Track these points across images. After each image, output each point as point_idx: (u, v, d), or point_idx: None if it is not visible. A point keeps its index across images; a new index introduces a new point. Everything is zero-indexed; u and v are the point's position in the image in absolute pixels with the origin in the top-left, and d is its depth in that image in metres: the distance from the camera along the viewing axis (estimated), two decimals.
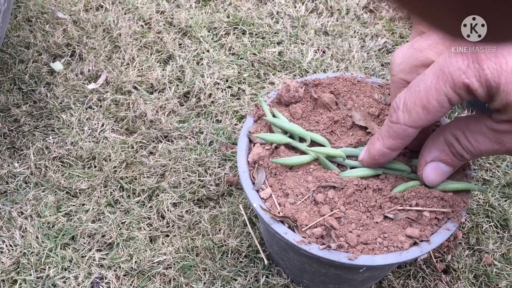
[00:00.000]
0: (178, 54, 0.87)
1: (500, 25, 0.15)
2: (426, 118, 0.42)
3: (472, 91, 0.39)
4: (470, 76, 0.38)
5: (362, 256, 0.47)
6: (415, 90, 0.42)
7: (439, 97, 0.40)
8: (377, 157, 0.48)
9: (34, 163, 0.73)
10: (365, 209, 0.49)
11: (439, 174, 0.47)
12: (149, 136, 0.77)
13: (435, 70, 0.40)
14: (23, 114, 0.79)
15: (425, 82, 0.41)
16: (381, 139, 0.47)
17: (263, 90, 0.82)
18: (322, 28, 0.93)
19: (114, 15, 0.92)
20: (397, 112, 0.44)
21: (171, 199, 0.70)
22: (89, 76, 0.84)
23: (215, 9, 0.95)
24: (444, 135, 0.45)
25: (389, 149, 0.47)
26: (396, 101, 0.44)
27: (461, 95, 0.40)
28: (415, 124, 0.43)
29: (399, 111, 0.44)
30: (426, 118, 0.42)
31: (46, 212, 0.68)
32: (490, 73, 0.37)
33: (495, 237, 0.68)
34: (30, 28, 0.91)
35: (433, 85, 0.40)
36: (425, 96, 0.41)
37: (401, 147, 0.46)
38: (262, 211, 0.49)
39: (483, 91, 0.38)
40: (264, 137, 0.52)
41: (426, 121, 0.43)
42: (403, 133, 0.44)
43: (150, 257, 0.65)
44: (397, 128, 0.44)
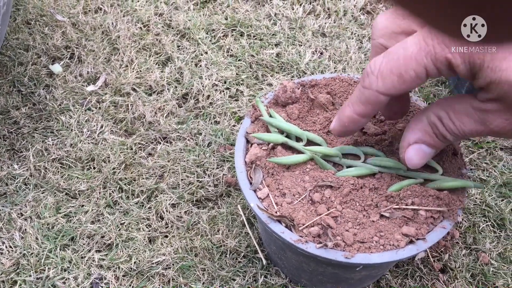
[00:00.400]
0: (177, 56, 0.88)
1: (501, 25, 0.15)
2: (400, 87, 0.41)
3: (453, 67, 0.38)
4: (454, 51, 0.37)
5: (359, 255, 0.47)
6: (393, 57, 0.41)
7: (418, 68, 0.39)
8: (347, 124, 0.47)
9: (34, 165, 0.73)
10: (361, 208, 0.50)
11: (421, 156, 0.46)
12: (147, 138, 0.77)
13: (417, 40, 0.39)
14: (23, 116, 0.79)
15: (406, 51, 0.40)
16: (351, 105, 0.45)
17: (261, 92, 0.83)
18: (320, 30, 0.93)
19: (113, 17, 0.93)
20: (370, 77, 0.42)
21: (170, 200, 0.70)
22: (88, 78, 0.85)
23: (213, 11, 0.96)
24: (427, 116, 0.44)
25: (359, 115, 0.45)
26: (371, 66, 0.42)
27: (440, 70, 0.39)
28: (387, 91, 0.42)
29: (372, 76, 0.42)
30: (400, 87, 0.41)
31: (46, 214, 0.69)
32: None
33: (492, 236, 0.69)
34: (29, 30, 0.91)
35: (414, 55, 0.39)
36: (403, 64, 0.40)
37: (371, 114, 0.45)
38: (259, 210, 0.49)
39: (465, 68, 0.38)
40: (261, 136, 0.53)
41: (399, 90, 0.41)
42: (374, 100, 0.43)
43: (149, 257, 0.65)
44: (369, 94, 0.43)
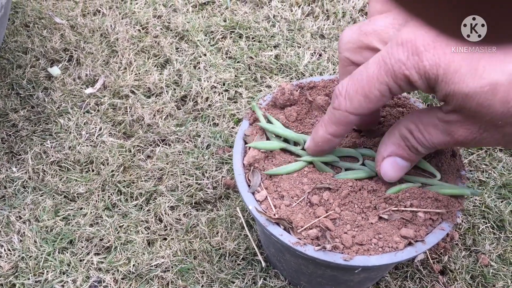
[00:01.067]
0: (175, 58, 0.88)
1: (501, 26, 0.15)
2: (367, 106, 0.43)
3: (412, 83, 0.39)
4: (409, 67, 0.39)
5: (357, 257, 0.47)
6: (358, 78, 0.42)
7: (381, 86, 0.41)
8: (321, 144, 0.49)
9: (32, 168, 0.73)
10: (360, 210, 0.50)
11: (396, 169, 0.47)
12: (146, 140, 0.77)
13: (377, 60, 0.41)
14: (21, 119, 0.79)
15: (368, 71, 0.41)
16: (323, 125, 0.47)
17: (260, 93, 0.83)
18: (319, 31, 0.93)
19: (111, 20, 0.93)
20: (339, 98, 0.44)
21: (168, 202, 0.70)
22: (86, 80, 0.85)
23: (212, 13, 0.96)
24: (399, 130, 0.46)
25: (332, 135, 0.47)
26: (339, 88, 0.44)
27: (401, 86, 0.40)
28: (356, 111, 0.44)
29: (341, 97, 0.44)
30: (367, 106, 0.43)
31: (44, 216, 0.69)
32: (429, 64, 0.38)
33: (491, 238, 0.68)
34: (27, 33, 0.91)
35: (375, 75, 0.41)
36: (367, 85, 0.42)
37: (343, 133, 0.47)
38: (257, 213, 0.49)
39: (423, 83, 0.39)
40: (257, 145, 0.53)
41: (367, 109, 0.43)
42: (344, 120, 0.45)
43: (148, 260, 0.65)
44: (339, 115, 0.45)
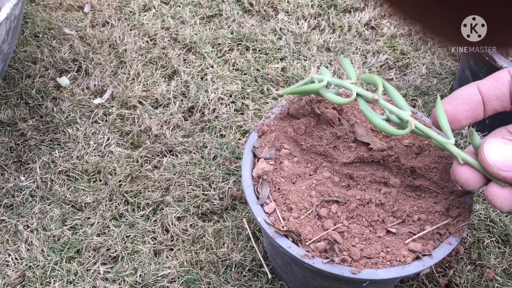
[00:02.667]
0: (183, 69, 0.88)
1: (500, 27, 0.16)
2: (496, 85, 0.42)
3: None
4: None
5: (365, 270, 0.47)
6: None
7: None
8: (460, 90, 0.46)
9: (40, 177, 0.74)
10: (368, 224, 0.50)
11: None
12: (153, 151, 0.78)
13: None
14: (30, 128, 0.80)
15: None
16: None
17: (267, 105, 0.83)
18: (325, 45, 0.94)
19: (120, 31, 0.94)
20: None
21: (175, 213, 0.70)
22: (95, 91, 0.85)
23: (219, 25, 0.97)
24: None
25: (477, 86, 0.45)
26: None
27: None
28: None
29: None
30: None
31: (52, 226, 0.69)
32: None
33: (496, 252, 0.69)
34: (37, 43, 0.92)
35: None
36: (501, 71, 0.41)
37: (493, 89, 0.44)
38: (266, 225, 0.50)
39: None
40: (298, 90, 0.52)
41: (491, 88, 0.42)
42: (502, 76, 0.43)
43: (155, 270, 0.65)
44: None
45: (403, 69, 0.91)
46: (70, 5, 0.99)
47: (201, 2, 1.00)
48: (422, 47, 0.95)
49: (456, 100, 0.44)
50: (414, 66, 0.91)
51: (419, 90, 0.88)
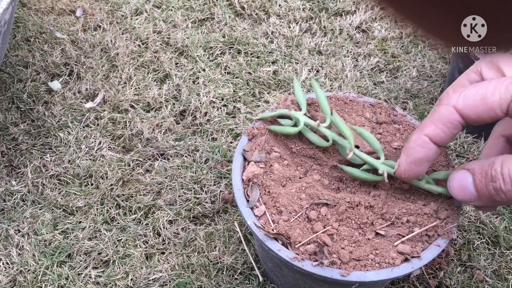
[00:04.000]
0: (175, 73, 0.89)
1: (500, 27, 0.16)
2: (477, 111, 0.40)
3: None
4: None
5: (355, 273, 0.47)
6: (484, 83, 0.40)
7: (505, 94, 0.39)
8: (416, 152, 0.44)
9: (32, 181, 0.74)
10: (357, 226, 0.50)
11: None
12: (145, 154, 0.78)
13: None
14: (21, 132, 0.80)
15: (499, 80, 0.40)
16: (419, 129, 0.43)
17: (258, 109, 0.84)
18: (316, 48, 0.94)
19: (112, 35, 0.94)
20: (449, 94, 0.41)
21: (167, 216, 0.71)
22: (86, 95, 0.85)
23: (211, 29, 0.97)
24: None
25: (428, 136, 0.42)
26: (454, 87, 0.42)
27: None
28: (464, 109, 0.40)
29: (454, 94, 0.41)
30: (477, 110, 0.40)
31: (43, 230, 0.69)
32: None
33: (486, 253, 0.69)
34: (28, 47, 0.92)
35: (506, 83, 0.39)
36: (492, 89, 0.39)
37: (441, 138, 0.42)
38: (256, 228, 0.50)
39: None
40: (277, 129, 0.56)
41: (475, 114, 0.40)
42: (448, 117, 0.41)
43: (146, 274, 0.65)
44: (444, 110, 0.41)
45: (394, 72, 0.92)
46: (62, 9, 0.99)
47: (193, 6, 1.00)
48: (413, 50, 0.95)
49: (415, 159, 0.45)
50: (405, 69, 0.92)
51: (410, 92, 0.88)
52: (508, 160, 0.40)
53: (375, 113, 0.60)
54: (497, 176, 0.41)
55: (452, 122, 0.41)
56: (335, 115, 0.53)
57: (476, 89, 0.40)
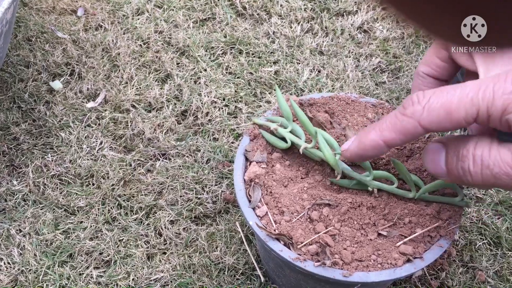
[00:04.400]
0: (176, 73, 0.89)
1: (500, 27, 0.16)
2: (443, 125, 0.39)
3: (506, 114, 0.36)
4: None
5: (357, 273, 0.47)
6: (448, 92, 0.39)
7: (471, 109, 0.37)
8: (368, 149, 0.43)
9: (33, 181, 0.74)
10: (359, 227, 0.50)
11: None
12: (147, 154, 0.78)
13: (478, 83, 0.38)
14: (22, 132, 0.79)
15: (463, 90, 0.38)
16: (379, 130, 0.42)
17: (260, 109, 0.84)
18: (318, 48, 0.94)
19: (113, 35, 0.94)
20: (415, 106, 0.39)
21: (168, 216, 0.70)
22: (88, 94, 0.85)
23: (213, 29, 0.97)
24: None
25: (386, 143, 0.42)
26: (418, 95, 0.40)
27: (491, 117, 0.37)
28: (429, 125, 0.39)
29: (419, 105, 0.39)
30: (443, 125, 0.39)
31: (44, 230, 0.69)
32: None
33: (488, 254, 0.69)
34: (30, 47, 0.92)
35: (470, 95, 0.37)
36: (456, 101, 0.38)
37: (397, 145, 0.42)
38: (258, 228, 0.50)
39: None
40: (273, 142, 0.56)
41: (441, 127, 0.39)
42: (410, 130, 0.40)
43: (148, 274, 0.65)
44: (407, 123, 0.40)
45: (395, 72, 0.92)
46: (63, 9, 0.99)
47: (195, 6, 1.00)
48: (415, 50, 0.95)
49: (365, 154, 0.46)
50: (406, 69, 0.92)
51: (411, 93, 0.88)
52: (483, 142, 0.39)
53: (377, 113, 0.60)
54: (468, 156, 0.39)
55: (414, 135, 0.41)
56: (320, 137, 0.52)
57: (440, 101, 0.39)
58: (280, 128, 0.55)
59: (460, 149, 0.40)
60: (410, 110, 0.40)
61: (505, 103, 0.35)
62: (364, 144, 0.43)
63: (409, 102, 0.40)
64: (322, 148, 0.51)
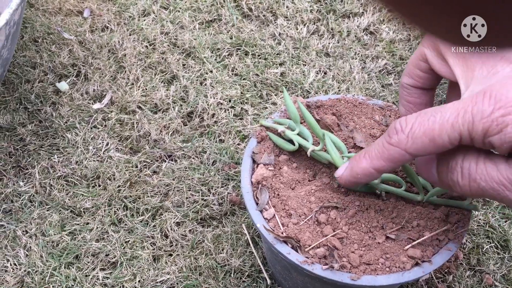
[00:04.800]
0: (182, 74, 0.88)
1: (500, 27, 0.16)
2: (429, 151, 0.40)
3: (488, 136, 0.37)
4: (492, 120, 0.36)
5: (365, 277, 0.47)
6: (429, 119, 0.39)
7: (453, 134, 0.38)
8: (360, 176, 0.45)
9: (39, 182, 0.74)
10: (367, 230, 0.50)
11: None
12: (153, 156, 0.78)
13: (457, 107, 0.38)
14: (29, 133, 0.80)
15: (443, 115, 0.39)
16: (369, 158, 0.44)
17: (266, 111, 0.84)
18: (324, 50, 0.94)
19: (119, 36, 0.94)
20: (400, 135, 0.41)
21: (174, 218, 0.70)
22: (94, 96, 0.85)
23: (218, 30, 0.97)
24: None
25: (376, 170, 0.44)
26: (401, 123, 0.41)
27: (474, 139, 0.37)
28: (415, 152, 0.41)
29: (403, 134, 0.41)
30: (429, 150, 0.40)
31: (51, 231, 0.69)
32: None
33: (495, 257, 0.69)
34: (36, 48, 0.92)
35: (451, 121, 0.38)
36: (438, 128, 0.39)
37: (389, 171, 0.44)
38: (265, 231, 0.50)
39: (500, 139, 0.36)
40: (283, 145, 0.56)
41: (427, 152, 0.41)
42: (398, 158, 0.42)
43: (154, 276, 0.65)
44: (394, 152, 0.42)
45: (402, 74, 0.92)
46: (70, 10, 0.99)
47: (201, 7, 1.00)
48: None
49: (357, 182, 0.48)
50: None
51: None
52: (470, 154, 0.40)
53: (385, 116, 0.60)
54: (456, 169, 0.40)
55: (403, 161, 0.43)
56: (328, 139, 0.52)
57: (422, 129, 0.40)
58: (288, 130, 0.55)
59: (450, 160, 0.41)
60: (395, 139, 0.41)
61: (485, 126, 0.36)
62: (356, 173, 0.45)
63: (393, 130, 0.42)
64: (330, 151, 0.51)
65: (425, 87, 0.50)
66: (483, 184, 0.38)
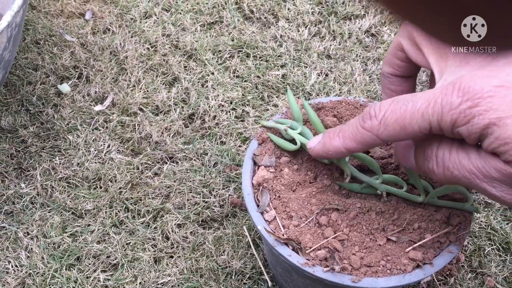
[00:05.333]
0: (183, 76, 0.89)
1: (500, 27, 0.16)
2: (399, 137, 0.42)
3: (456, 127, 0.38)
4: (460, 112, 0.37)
5: (366, 279, 0.47)
6: (401, 108, 0.41)
7: (423, 123, 0.39)
8: (331, 153, 0.47)
9: (41, 184, 0.74)
10: (368, 232, 0.50)
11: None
12: (154, 157, 0.78)
13: (428, 97, 0.39)
14: (30, 135, 0.80)
15: (414, 104, 0.40)
16: (342, 138, 0.45)
17: (267, 113, 0.84)
18: (325, 52, 0.94)
19: (121, 38, 0.94)
20: (372, 121, 0.42)
21: (175, 220, 0.70)
22: (95, 98, 0.86)
23: (220, 32, 0.97)
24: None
25: (347, 150, 0.45)
26: (375, 109, 0.43)
27: (444, 130, 0.38)
28: (386, 138, 0.42)
29: (375, 120, 0.42)
30: (399, 137, 0.42)
31: (52, 233, 0.69)
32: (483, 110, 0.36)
33: (497, 260, 0.69)
34: (38, 50, 0.92)
35: (421, 110, 0.39)
36: (409, 117, 0.40)
37: (359, 152, 0.46)
38: (266, 233, 0.50)
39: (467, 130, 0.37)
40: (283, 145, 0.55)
41: (398, 139, 0.42)
42: (370, 142, 0.43)
43: (155, 278, 0.65)
44: (367, 136, 0.43)
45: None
46: (71, 12, 0.99)
47: (202, 9, 1.00)
48: None
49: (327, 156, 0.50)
50: None
51: None
52: (444, 143, 0.41)
53: None
54: (431, 157, 0.41)
55: (374, 145, 0.44)
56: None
57: (394, 117, 0.41)
58: (290, 129, 0.55)
59: (426, 148, 0.42)
60: (368, 124, 0.43)
61: (453, 117, 0.37)
62: (328, 149, 0.47)
63: (367, 115, 0.43)
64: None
65: (405, 75, 0.51)
66: (456, 172, 0.39)
